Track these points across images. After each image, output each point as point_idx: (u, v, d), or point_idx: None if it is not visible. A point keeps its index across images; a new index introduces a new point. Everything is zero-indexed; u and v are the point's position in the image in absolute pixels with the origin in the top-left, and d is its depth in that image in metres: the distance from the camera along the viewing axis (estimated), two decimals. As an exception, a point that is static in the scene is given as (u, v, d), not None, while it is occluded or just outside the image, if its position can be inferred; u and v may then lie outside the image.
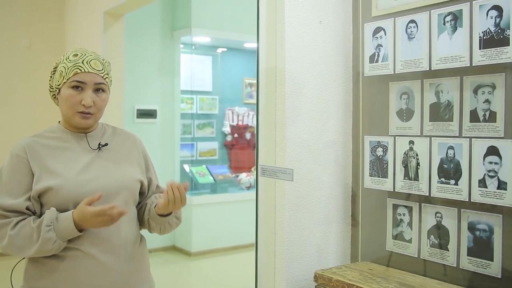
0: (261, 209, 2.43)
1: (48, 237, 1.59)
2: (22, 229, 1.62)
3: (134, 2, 4.61)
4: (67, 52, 1.76)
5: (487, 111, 1.92)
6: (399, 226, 2.24)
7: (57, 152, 1.72)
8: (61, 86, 1.72)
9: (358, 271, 2.20)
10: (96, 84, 1.72)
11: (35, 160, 1.68)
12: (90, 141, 1.78)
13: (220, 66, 6.66)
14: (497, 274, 1.90)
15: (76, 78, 1.69)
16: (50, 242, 1.60)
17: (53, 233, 1.60)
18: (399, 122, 2.23)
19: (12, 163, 1.68)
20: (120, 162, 1.80)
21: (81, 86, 1.70)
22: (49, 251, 1.62)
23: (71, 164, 1.70)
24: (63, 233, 1.61)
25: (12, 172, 1.67)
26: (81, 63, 1.70)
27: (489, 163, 1.91)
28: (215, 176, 6.35)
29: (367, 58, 2.34)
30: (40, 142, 1.73)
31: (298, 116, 2.32)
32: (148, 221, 1.85)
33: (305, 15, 2.34)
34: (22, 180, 1.66)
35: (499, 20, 1.85)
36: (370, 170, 2.34)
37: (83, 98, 1.69)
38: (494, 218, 1.92)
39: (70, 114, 1.72)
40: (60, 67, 1.73)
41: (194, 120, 6.49)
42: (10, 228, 1.61)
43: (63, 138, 1.76)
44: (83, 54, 1.73)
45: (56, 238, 1.60)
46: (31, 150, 1.69)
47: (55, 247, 1.61)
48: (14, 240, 1.61)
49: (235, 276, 5.23)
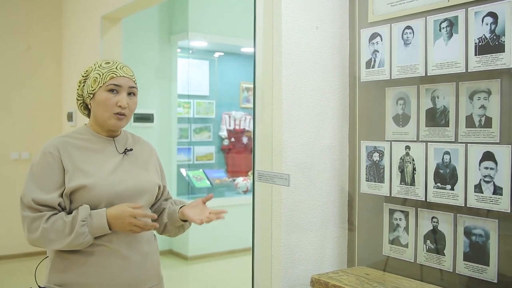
0: (258, 213, 2.43)
1: (81, 231, 1.69)
2: (56, 223, 1.71)
3: (132, 7, 4.61)
4: (97, 61, 1.89)
5: (483, 117, 1.93)
6: (396, 231, 2.25)
7: (88, 153, 1.83)
8: (96, 90, 1.83)
9: (355, 275, 2.21)
10: (130, 88, 1.86)
11: (67, 159, 1.78)
12: (118, 146, 1.90)
13: (217, 71, 6.67)
14: (493, 279, 1.91)
15: (112, 82, 1.82)
16: (82, 237, 1.70)
17: (86, 228, 1.70)
18: (395, 127, 2.24)
19: (45, 160, 1.77)
20: (142, 167, 1.94)
21: (117, 89, 1.83)
22: (79, 245, 1.71)
23: (102, 165, 1.82)
24: (94, 229, 1.72)
25: (44, 169, 1.76)
26: (115, 68, 1.84)
27: (485, 169, 1.92)
28: (212, 180, 6.35)
29: (363, 63, 2.35)
30: (71, 142, 1.83)
31: (294, 121, 2.33)
32: (166, 224, 2.00)
33: (302, 21, 2.35)
34: (54, 176, 1.76)
35: (495, 26, 1.87)
36: (366, 175, 2.35)
37: (118, 100, 1.82)
38: (490, 223, 1.93)
39: (106, 116, 1.83)
40: (93, 74, 1.85)
41: (191, 124, 6.49)
42: (44, 221, 1.70)
43: (92, 140, 1.87)
44: (115, 62, 1.87)
45: (88, 233, 1.71)
46: (63, 149, 1.79)
47: (85, 242, 1.72)
48: (46, 233, 1.70)
49: (232, 280, 5.23)
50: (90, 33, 5.17)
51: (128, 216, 1.71)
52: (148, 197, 1.92)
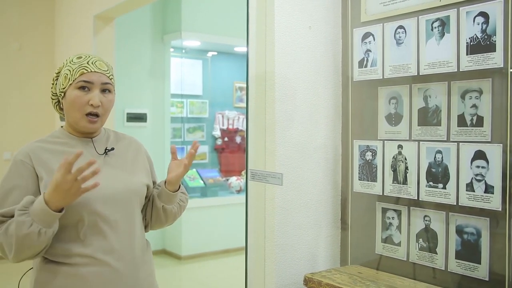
0: (251, 212, 2.43)
1: (22, 220, 1.50)
2: (9, 226, 1.54)
3: (125, 6, 4.60)
4: (70, 57, 1.74)
5: (475, 116, 1.94)
6: (388, 229, 2.26)
7: (63, 157, 1.59)
8: (67, 88, 1.69)
9: (348, 274, 2.22)
10: (103, 84, 1.70)
11: (41, 166, 1.63)
12: (97, 146, 1.75)
13: (210, 70, 6.67)
14: (485, 277, 1.92)
15: (83, 78, 1.66)
16: (25, 226, 1.49)
17: (28, 216, 1.50)
18: (388, 127, 2.25)
19: (16, 169, 1.63)
20: (127, 167, 1.79)
21: (88, 86, 1.67)
22: (31, 239, 1.50)
23: None
24: (38, 215, 1.50)
25: (14, 179, 1.62)
26: (86, 63, 1.68)
27: (477, 167, 1.94)
28: (205, 179, 6.35)
29: (356, 63, 2.36)
30: (45, 147, 1.68)
31: (288, 120, 2.34)
32: (163, 208, 1.83)
33: (294, 20, 2.36)
34: (25, 186, 1.61)
35: (486, 26, 1.88)
36: (359, 174, 2.36)
37: (90, 98, 1.66)
38: (482, 222, 1.94)
39: (78, 117, 1.68)
40: (64, 70, 1.71)
41: (184, 124, 6.48)
42: (1, 229, 1.56)
43: (69, 143, 1.72)
44: (87, 56, 1.72)
45: (31, 221, 1.50)
46: (35, 155, 1.65)
47: (34, 232, 1.50)
48: (2, 238, 1.55)
49: (225, 279, 5.23)
50: (83, 33, 5.15)
51: (62, 176, 1.45)
52: (137, 200, 1.76)
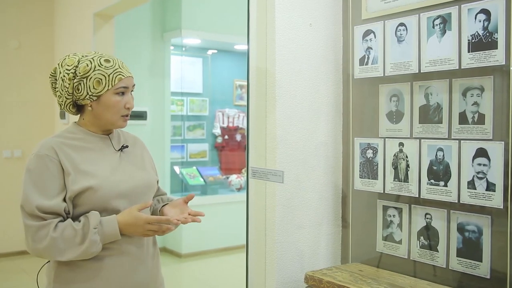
0: (252, 210, 2.43)
1: (94, 239, 1.59)
2: (65, 231, 1.59)
3: (124, 4, 4.59)
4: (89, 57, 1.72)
5: (476, 113, 1.94)
6: (389, 227, 2.26)
7: (85, 153, 1.71)
8: (103, 93, 1.70)
9: (349, 272, 2.21)
10: (133, 87, 1.78)
11: (66, 160, 1.66)
12: (114, 143, 1.81)
13: (210, 68, 6.66)
14: (486, 275, 1.92)
15: (122, 84, 1.71)
16: (95, 245, 1.60)
17: (98, 236, 1.60)
18: (389, 124, 2.24)
19: (42, 163, 1.63)
20: (140, 163, 1.86)
21: (124, 91, 1.73)
22: (91, 254, 1.61)
23: (102, 164, 1.71)
24: (105, 236, 1.63)
25: (43, 173, 1.63)
26: (119, 68, 1.72)
27: (478, 165, 1.93)
28: (205, 177, 6.34)
29: (357, 60, 2.35)
30: (66, 143, 1.70)
31: (288, 118, 2.33)
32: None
33: (295, 18, 2.35)
34: (55, 180, 1.63)
35: (487, 23, 1.87)
36: (360, 172, 2.36)
37: (126, 102, 1.74)
38: (483, 219, 1.94)
39: (115, 119, 1.74)
40: (94, 74, 1.69)
41: (185, 122, 6.48)
42: (52, 230, 1.58)
43: (87, 139, 1.75)
44: (115, 60, 1.74)
45: (99, 242, 1.61)
46: (60, 150, 1.67)
47: (97, 251, 1.62)
48: (56, 242, 1.58)
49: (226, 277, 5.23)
50: (82, 31, 5.14)
51: (143, 224, 1.63)
52: (150, 194, 1.85)
